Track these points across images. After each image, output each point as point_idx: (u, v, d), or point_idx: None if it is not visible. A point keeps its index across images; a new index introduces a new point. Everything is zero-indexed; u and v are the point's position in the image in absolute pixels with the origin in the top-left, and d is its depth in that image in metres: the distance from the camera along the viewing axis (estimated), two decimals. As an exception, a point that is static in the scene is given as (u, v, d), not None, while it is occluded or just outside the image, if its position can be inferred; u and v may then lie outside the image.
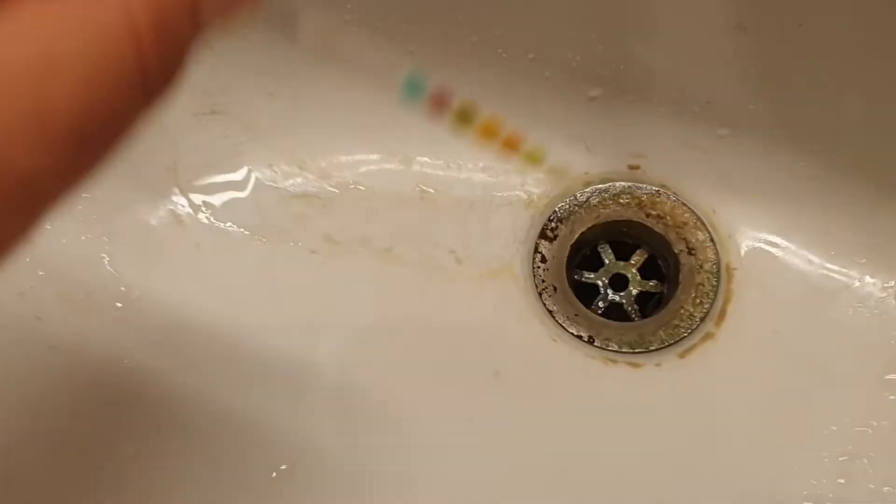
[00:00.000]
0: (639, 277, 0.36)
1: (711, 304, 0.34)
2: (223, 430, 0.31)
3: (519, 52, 0.34)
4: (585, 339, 0.33)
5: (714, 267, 0.34)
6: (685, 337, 0.33)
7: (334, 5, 0.33)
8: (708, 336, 0.33)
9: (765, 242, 0.35)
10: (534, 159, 0.21)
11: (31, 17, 0.12)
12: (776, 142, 0.34)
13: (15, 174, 0.12)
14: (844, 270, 0.34)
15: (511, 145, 0.20)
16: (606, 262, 0.36)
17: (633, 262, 0.36)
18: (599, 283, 0.36)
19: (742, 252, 0.35)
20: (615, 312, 0.35)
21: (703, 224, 0.35)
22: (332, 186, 0.36)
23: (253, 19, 0.16)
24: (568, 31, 0.33)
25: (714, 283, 0.34)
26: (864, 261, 0.34)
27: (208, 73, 0.34)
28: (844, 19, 0.31)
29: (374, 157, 0.36)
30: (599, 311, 0.35)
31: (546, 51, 0.34)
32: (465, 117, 0.18)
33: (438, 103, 0.17)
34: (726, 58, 0.33)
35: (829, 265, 0.34)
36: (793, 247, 0.34)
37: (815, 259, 0.34)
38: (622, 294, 0.35)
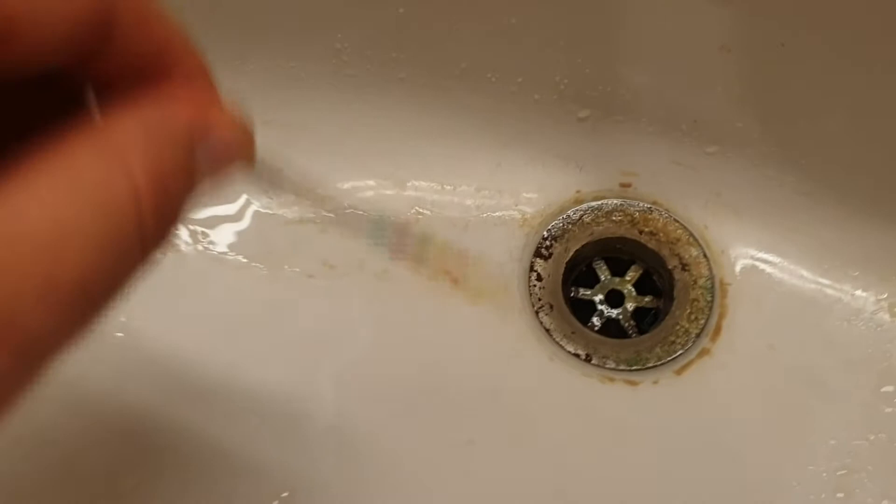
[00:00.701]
0: (634, 293, 0.36)
1: (706, 320, 0.34)
2: (222, 460, 0.31)
3: (508, 77, 0.35)
4: (583, 357, 0.34)
5: (708, 282, 0.35)
6: (681, 353, 0.33)
7: (326, 34, 0.34)
8: (704, 352, 0.34)
9: (757, 257, 0.35)
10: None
11: (45, 186, 0.13)
12: (765, 158, 0.34)
13: (23, 334, 0.12)
14: (837, 284, 0.34)
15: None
16: (602, 278, 0.36)
17: (628, 278, 0.36)
18: (595, 299, 0.36)
19: (735, 267, 0.35)
20: (612, 328, 0.36)
21: (696, 240, 0.35)
22: (327, 211, 0.36)
23: (246, 173, 0.18)
24: (555, 55, 0.34)
25: (709, 298, 0.34)
26: (856, 274, 0.34)
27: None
28: (826, 37, 0.31)
29: (370, 181, 0.37)
30: (596, 328, 0.35)
31: (534, 75, 0.35)
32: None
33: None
34: (711, 78, 0.33)
35: (821, 279, 0.34)
36: (785, 261, 0.35)
37: (808, 273, 0.34)
38: (618, 310, 0.36)
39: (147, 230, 0.14)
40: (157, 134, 0.14)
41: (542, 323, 0.35)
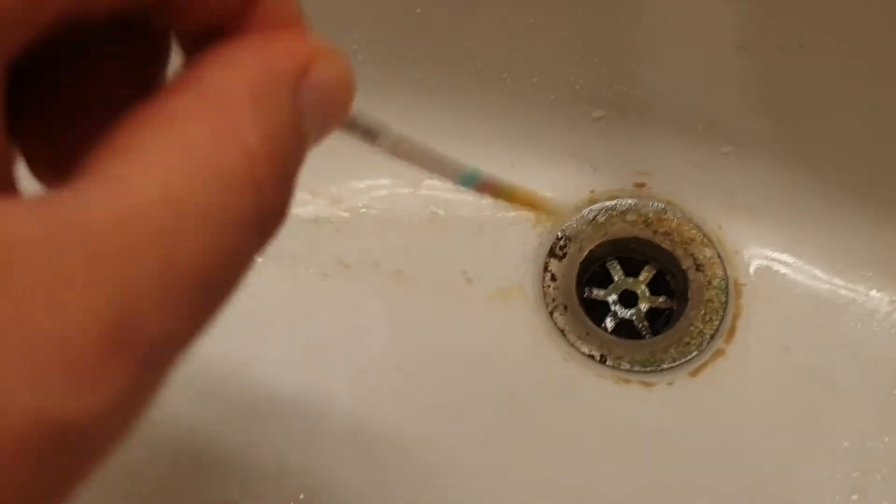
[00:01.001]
0: (648, 294, 0.36)
1: (721, 321, 0.34)
2: (238, 461, 0.31)
3: (523, 77, 0.35)
4: (597, 359, 0.34)
5: (722, 283, 0.35)
6: (696, 354, 0.34)
7: (342, 33, 0.34)
8: (718, 353, 0.34)
9: (772, 258, 0.35)
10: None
11: (153, 154, 0.11)
12: (780, 158, 0.34)
13: (149, 338, 0.11)
14: (851, 285, 0.34)
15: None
16: (616, 278, 0.36)
17: (641, 278, 0.36)
18: (609, 300, 0.36)
19: (749, 268, 0.35)
20: (626, 329, 0.36)
21: (710, 240, 0.35)
22: (343, 211, 0.36)
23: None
24: (571, 55, 0.34)
25: (723, 299, 0.34)
26: (870, 274, 0.34)
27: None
28: (843, 38, 0.31)
29: (384, 181, 0.37)
30: (610, 329, 0.35)
31: (550, 75, 0.35)
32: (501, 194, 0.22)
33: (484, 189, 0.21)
34: (728, 78, 0.33)
35: (835, 280, 0.34)
36: (799, 262, 0.35)
37: (822, 274, 0.34)
38: (632, 311, 0.36)
39: (265, 201, 0.12)
40: (262, 87, 0.12)
41: (556, 323, 0.35)
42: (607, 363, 0.34)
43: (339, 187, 0.36)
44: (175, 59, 0.15)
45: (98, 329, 0.10)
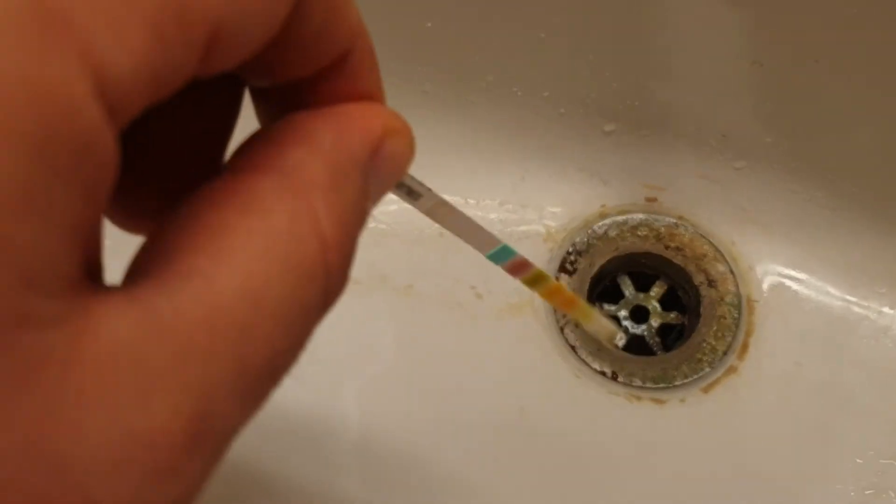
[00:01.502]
0: (659, 309, 0.36)
1: (733, 337, 0.34)
2: (244, 478, 0.31)
3: (534, 90, 0.35)
4: (609, 375, 0.33)
5: (735, 299, 0.34)
6: (708, 371, 0.33)
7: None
8: (731, 370, 0.33)
9: (785, 274, 0.35)
10: (580, 318, 0.24)
11: (239, 248, 0.11)
12: (794, 173, 0.34)
13: (221, 433, 0.11)
14: (864, 301, 0.34)
15: (565, 307, 0.23)
16: (626, 294, 0.36)
17: (653, 293, 0.36)
18: (620, 315, 0.36)
19: (762, 284, 0.35)
20: (637, 345, 0.35)
21: (723, 256, 0.35)
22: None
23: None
24: (582, 69, 0.34)
25: (735, 315, 0.34)
26: (883, 291, 0.34)
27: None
28: (858, 53, 0.31)
29: (393, 195, 0.36)
30: (621, 345, 0.35)
31: (561, 88, 0.34)
32: (533, 282, 0.21)
33: (515, 269, 0.20)
34: (742, 92, 0.33)
35: (848, 296, 0.34)
36: (813, 278, 0.34)
37: (835, 290, 0.34)
38: (644, 327, 0.35)
39: (332, 283, 0.12)
40: (338, 169, 0.13)
41: (567, 339, 0.34)
42: (619, 380, 0.33)
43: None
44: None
45: (182, 427, 0.10)
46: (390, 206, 0.36)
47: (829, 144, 0.33)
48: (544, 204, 0.36)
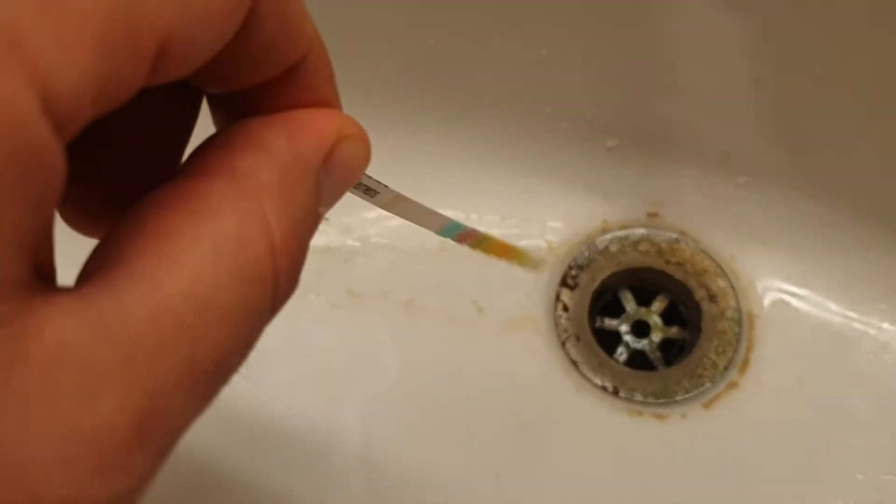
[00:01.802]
0: (661, 324, 0.36)
1: (734, 353, 0.34)
2: (247, 493, 0.31)
3: (536, 106, 0.35)
4: (610, 391, 0.34)
5: (736, 314, 0.35)
6: (709, 386, 0.33)
7: (355, 63, 0.34)
8: (732, 385, 0.33)
9: (785, 290, 0.35)
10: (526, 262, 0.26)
11: (187, 251, 0.11)
12: (795, 189, 0.34)
13: (168, 430, 0.11)
14: (865, 317, 0.34)
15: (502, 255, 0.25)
16: (628, 308, 0.36)
17: (654, 308, 0.36)
18: (621, 329, 0.36)
19: (763, 299, 0.35)
20: (638, 360, 0.36)
21: (724, 271, 0.35)
22: (353, 240, 0.36)
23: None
24: (585, 85, 0.34)
25: (736, 330, 0.34)
26: (884, 307, 0.34)
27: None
28: (859, 70, 0.31)
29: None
30: (623, 360, 0.35)
31: (563, 104, 0.34)
32: (480, 245, 0.24)
33: (463, 239, 0.22)
34: (743, 109, 0.33)
35: (849, 312, 0.34)
36: (814, 294, 0.34)
37: (836, 306, 0.34)
38: (645, 341, 0.35)
39: (281, 287, 0.13)
40: (289, 173, 0.13)
41: (568, 354, 0.34)
42: (620, 395, 0.33)
43: (349, 217, 0.36)
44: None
45: (128, 424, 0.11)
46: (391, 221, 0.36)
47: (830, 160, 0.34)
48: (546, 219, 0.37)
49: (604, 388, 0.34)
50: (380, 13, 0.33)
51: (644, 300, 0.36)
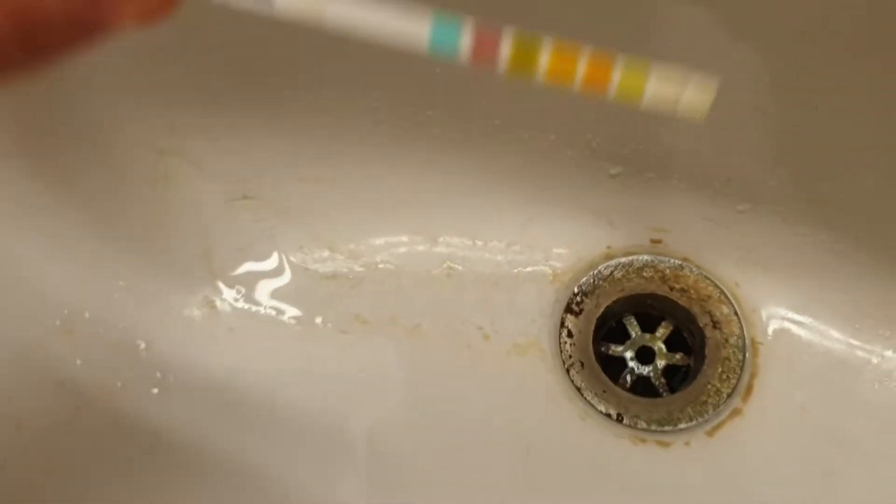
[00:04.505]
0: (665, 350, 0.36)
1: (738, 380, 0.34)
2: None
3: (540, 134, 0.35)
4: (614, 418, 0.34)
5: (739, 341, 0.35)
6: (713, 414, 0.34)
7: (364, 92, 0.34)
8: (735, 412, 0.34)
9: (789, 317, 0.35)
10: (631, 90, 0.15)
11: None
12: (797, 217, 0.35)
13: None
14: (868, 345, 0.34)
15: (596, 79, 0.14)
16: (632, 334, 0.37)
17: (658, 334, 0.36)
18: (626, 356, 0.36)
19: (767, 326, 0.35)
20: (642, 385, 0.36)
21: (727, 298, 0.36)
22: (360, 266, 0.37)
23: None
24: (588, 114, 0.34)
25: (740, 357, 0.35)
26: (888, 334, 0.34)
27: (240, 160, 0.35)
28: (858, 99, 0.31)
29: (402, 237, 0.37)
30: (627, 386, 0.36)
31: (567, 133, 0.35)
32: (525, 58, 0.13)
33: (483, 50, 0.12)
34: (746, 138, 0.33)
35: (853, 339, 0.34)
36: (817, 321, 0.35)
37: (839, 334, 0.34)
38: (649, 368, 0.36)
39: None
40: None
41: (573, 381, 0.35)
42: (624, 422, 0.34)
43: (357, 243, 0.37)
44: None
45: None
46: (398, 248, 0.37)
47: (832, 188, 0.34)
48: (551, 245, 0.37)
49: (608, 415, 0.34)
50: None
51: (648, 326, 0.37)
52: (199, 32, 0.31)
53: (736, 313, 0.35)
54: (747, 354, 0.35)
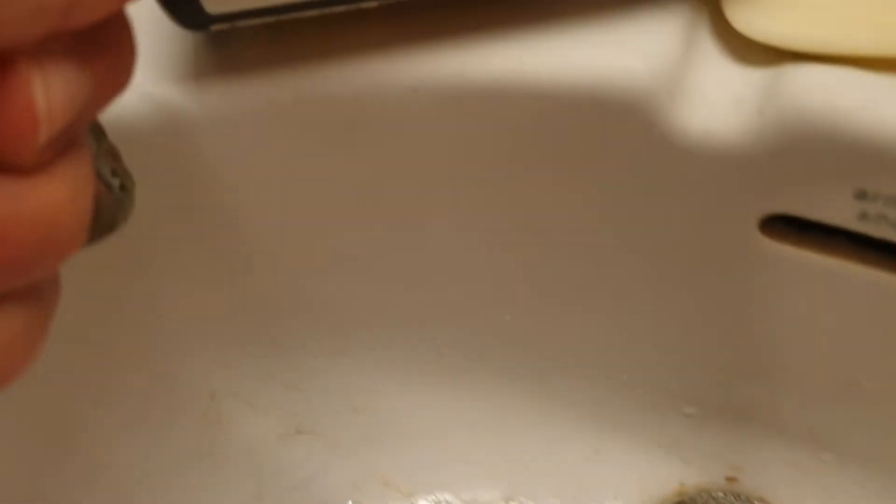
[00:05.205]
0: None
1: None
2: None
3: (613, 373, 0.33)
4: None
5: None
6: None
7: (428, 332, 0.33)
8: None
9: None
10: None
11: None
12: (882, 473, 0.33)
13: None
14: None
15: None
16: (702, 574, 0.35)
17: (729, 575, 0.34)
18: None
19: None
20: None
21: (806, 547, 0.34)
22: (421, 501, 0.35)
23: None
24: (665, 361, 0.32)
25: None
26: None
27: (295, 395, 0.33)
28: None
29: (459, 467, 0.35)
30: None
31: (642, 375, 0.33)
32: None
33: None
34: (833, 398, 0.31)
35: None
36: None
37: None
38: None
39: None
40: None
41: None
42: None
43: (412, 477, 0.35)
44: None
45: None
46: (457, 483, 0.35)
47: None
48: (618, 481, 0.35)
49: None
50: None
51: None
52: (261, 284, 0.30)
53: (817, 568, 0.33)
54: None
